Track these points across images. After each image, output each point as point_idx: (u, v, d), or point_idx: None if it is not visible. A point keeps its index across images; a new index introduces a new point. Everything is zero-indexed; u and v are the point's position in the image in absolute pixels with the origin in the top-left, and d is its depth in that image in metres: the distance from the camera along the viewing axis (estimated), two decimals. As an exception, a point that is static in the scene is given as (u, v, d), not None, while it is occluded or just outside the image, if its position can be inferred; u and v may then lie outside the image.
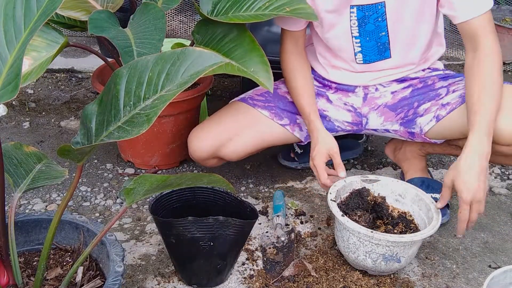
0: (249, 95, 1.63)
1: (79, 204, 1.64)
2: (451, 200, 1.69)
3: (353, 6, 1.41)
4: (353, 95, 1.60)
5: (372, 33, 1.45)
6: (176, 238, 1.23)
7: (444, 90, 1.48)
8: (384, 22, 1.42)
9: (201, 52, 0.84)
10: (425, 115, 1.48)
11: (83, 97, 2.35)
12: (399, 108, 1.55)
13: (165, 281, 1.32)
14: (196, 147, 1.55)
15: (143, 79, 0.86)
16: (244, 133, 1.55)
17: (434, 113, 1.46)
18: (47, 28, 1.42)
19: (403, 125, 1.55)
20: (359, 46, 1.48)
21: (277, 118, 1.58)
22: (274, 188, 1.74)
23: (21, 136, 2.02)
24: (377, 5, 1.40)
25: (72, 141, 0.92)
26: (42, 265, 1.02)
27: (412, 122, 1.52)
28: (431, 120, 1.47)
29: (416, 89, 1.54)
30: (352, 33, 1.46)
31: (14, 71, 0.80)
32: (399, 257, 1.26)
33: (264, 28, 2.04)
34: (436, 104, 1.47)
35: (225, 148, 1.54)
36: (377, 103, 1.58)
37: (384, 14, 1.41)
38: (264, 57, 1.42)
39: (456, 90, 1.45)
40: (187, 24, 2.82)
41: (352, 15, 1.43)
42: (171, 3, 1.59)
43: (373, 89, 1.58)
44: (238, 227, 1.22)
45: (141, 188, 0.97)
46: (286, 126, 1.59)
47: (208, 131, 1.55)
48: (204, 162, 1.60)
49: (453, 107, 1.43)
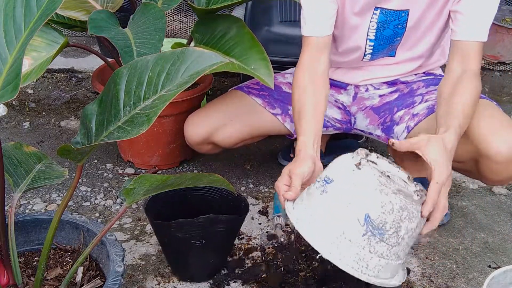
0: (246, 84, 1.65)
1: (79, 204, 1.64)
2: (451, 200, 1.70)
3: (378, 8, 1.38)
4: (344, 93, 1.60)
5: (388, 38, 1.44)
6: (168, 238, 1.24)
7: (419, 98, 1.48)
8: (403, 29, 1.41)
9: (201, 52, 0.84)
10: (400, 124, 1.49)
11: (83, 97, 2.35)
12: (382, 111, 1.56)
13: (165, 281, 1.32)
14: (191, 131, 1.57)
15: (143, 79, 0.86)
16: (236, 119, 1.56)
17: (406, 123, 1.46)
18: (47, 28, 1.42)
19: (384, 132, 1.55)
20: (371, 49, 1.47)
21: (269, 106, 1.58)
22: (274, 188, 1.74)
23: (21, 136, 2.02)
24: (401, 12, 1.38)
25: (72, 141, 0.92)
26: (42, 265, 1.02)
27: (390, 130, 1.52)
28: (403, 130, 1.47)
29: (401, 95, 1.54)
30: (368, 35, 1.44)
31: (14, 71, 0.80)
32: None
33: (264, 28, 2.04)
34: (408, 114, 1.47)
35: (218, 134, 1.56)
36: (365, 103, 1.59)
37: (405, 22, 1.40)
38: (264, 54, 1.42)
39: (428, 100, 1.45)
40: (187, 24, 2.82)
41: (373, 17, 1.40)
42: (171, 3, 1.59)
43: (363, 89, 1.59)
44: (228, 222, 1.24)
45: (141, 188, 0.97)
46: (278, 116, 1.58)
47: (203, 116, 1.57)
48: (198, 147, 1.62)
49: (420, 119, 1.43)
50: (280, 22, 2.15)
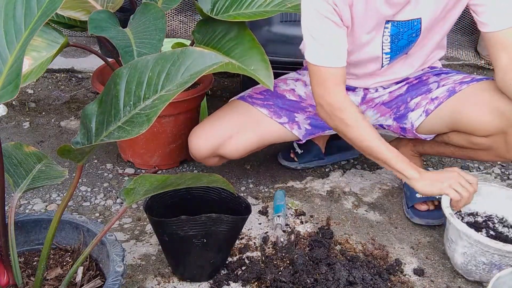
0: (248, 94, 1.63)
1: (79, 204, 1.64)
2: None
3: (389, 21, 1.39)
4: (352, 94, 1.60)
5: (404, 47, 1.45)
6: (169, 236, 1.24)
7: (435, 85, 1.50)
8: (417, 36, 1.42)
9: (201, 52, 0.84)
10: (416, 110, 1.50)
11: (83, 97, 2.35)
12: (394, 104, 1.57)
13: (165, 281, 1.32)
14: (196, 146, 1.55)
15: (143, 79, 0.86)
16: (243, 131, 1.55)
17: (424, 108, 1.48)
18: (47, 28, 1.42)
19: (396, 120, 1.56)
20: (387, 60, 1.47)
21: (275, 116, 1.58)
22: (274, 188, 1.74)
23: (21, 136, 2.02)
24: (413, 21, 1.38)
25: (72, 141, 0.92)
26: (42, 265, 1.02)
27: (404, 117, 1.53)
28: (421, 115, 1.48)
29: (411, 85, 1.56)
30: (383, 49, 1.44)
31: (14, 71, 0.80)
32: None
33: (264, 28, 2.04)
34: (426, 98, 1.49)
35: (225, 147, 1.55)
36: (374, 101, 1.61)
37: (419, 30, 1.40)
38: (264, 56, 1.42)
39: (446, 85, 1.47)
40: (187, 24, 2.82)
41: (385, 31, 1.40)
42: (171, 3, 1.59)
43: (373, 90, 1.60)
44: (231, 223, 1.24)
45: (141, 188, 0.97)
46: (285, 124, 1.59)
47: (208, 130, 1.55)
48: (204, 161, 1.60)
49: (440, 101, 1.45)
50: (281, 22, 2.14)
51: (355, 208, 1.65)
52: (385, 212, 1.64)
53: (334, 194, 1.72)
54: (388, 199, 1.71)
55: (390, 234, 1.54)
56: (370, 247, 1.47)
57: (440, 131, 1.51)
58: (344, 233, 1.53)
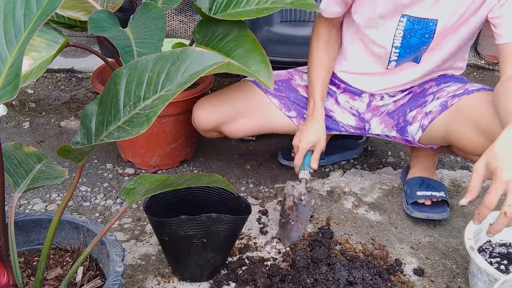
0: None
1: (79, 204, 1.64)
2: (451, 200, 1.70)
3: (405, 15, 1.39)
4: (358, 99, 1.61)
5: (415, 46, 1.43)
6: (169, 236, 1.24)
7: (431, 97, 1.49)
8: (430, 39, 1.41)
9: (201, 52, 0.84)
10: (413, 124, 1.50)
11: (83, 97, 2.35)
12: (396, 115, 1.57)
13: (165, 281, 1.32)
14: (200, 117, 1.57)
15: (143, 79, 0.86)
16: (250, 116, 1.57)
17: (420, 122, 1.48)
18: (47, 28, 1.42)
19: (398, 132, 1.57)
20: (396, 56, 1.47)
21: (285, 109, 1.59)
22: (274, 188, 1.74)
23: (21, 136, 2.02)
24: (429, 21, 1.38)
25: (72, 141, 0.92)
26: (42, 265, 1.02)
27: (405, 130, 1.54)
28: (418, 130, 1.48)
29: (414, 95, 1.55)
30: (394, 42, 1.44)
31: (14, 71, 0.79)
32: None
33: (264, 28, 2.04)
34: (421, 112, 1.48)
35: (228, 126, 1.57)
36: (380, 110, 1.60)
37: (433, 33, 1.39)
38: (264, 56, 1.42)
39: (440, 97, 1.46)
40: (187, 24, 2.82)
41: (400, 25, 1.40)
42: (171, 3, 1.59)
43: (378, 97, 1.59)
44: (231, 223, 1.24)
45: (141, 188, 0.97)
46: (293, 119, 1.60)
47: (216, 104, 1.57)
48: (204, 133, 1.63)
49: (434, 116, 1.44)
50: (281, 22, 2.15)
51: (355, 208, 1.65)
52: (385, 212, 1.64)
53: (334, 194, 1.72)
54: (388, 199, 1.71)
55: (390, 234, 1.54)
56: (370, 247, 1.47)
57: (441, 144, 1.50)
58: (344, 233, 1.53)
